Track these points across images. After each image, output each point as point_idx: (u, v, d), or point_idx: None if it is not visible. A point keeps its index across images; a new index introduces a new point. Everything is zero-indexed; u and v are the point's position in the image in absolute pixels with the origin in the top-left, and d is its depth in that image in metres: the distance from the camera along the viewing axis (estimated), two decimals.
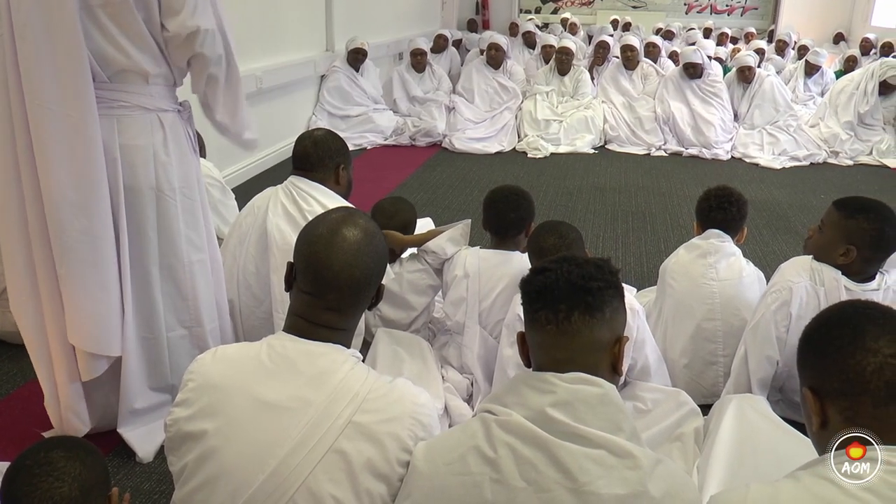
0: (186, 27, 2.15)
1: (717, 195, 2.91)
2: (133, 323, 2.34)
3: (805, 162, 7.10)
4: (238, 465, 1.40)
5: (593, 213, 5.32)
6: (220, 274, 2.59)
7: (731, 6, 14.88)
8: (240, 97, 2.43)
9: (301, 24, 6.86)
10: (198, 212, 2.43)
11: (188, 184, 2.38)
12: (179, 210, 2.36)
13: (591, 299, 1.39)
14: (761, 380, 2.56)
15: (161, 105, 2.28)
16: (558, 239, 2.44)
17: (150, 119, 2.26)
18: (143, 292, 2.35)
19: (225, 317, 2.61)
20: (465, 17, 13.75)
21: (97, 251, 2.19)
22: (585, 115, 7.55)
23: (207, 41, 2.20)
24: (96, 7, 2.06)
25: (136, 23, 2.12)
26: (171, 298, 2.41)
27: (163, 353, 2.44)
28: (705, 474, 2.07)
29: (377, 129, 7.38)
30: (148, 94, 2.24)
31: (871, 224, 2.39)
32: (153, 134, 2.27)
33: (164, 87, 2.29)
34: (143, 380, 2.43)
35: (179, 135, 2.35)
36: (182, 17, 2.14)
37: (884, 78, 7.28)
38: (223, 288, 2.60)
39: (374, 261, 1.56)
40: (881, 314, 1.31)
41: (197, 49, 2.19)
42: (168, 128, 2.30)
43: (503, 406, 1.39)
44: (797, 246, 4.41)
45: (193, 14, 2.16)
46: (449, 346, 2.81)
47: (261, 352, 1.49)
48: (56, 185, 2.10)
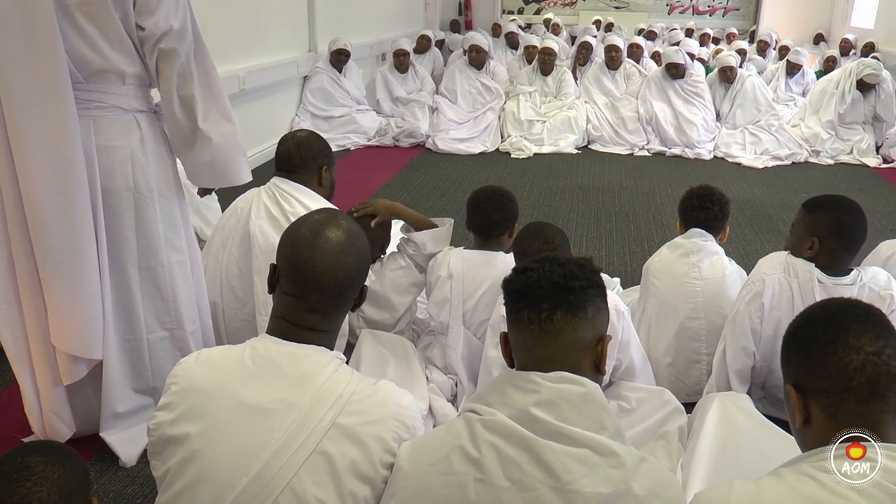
0: (160, 27, 2.13)
1: (700, 195, 2.93)
2: (113, 325, 2.33)
3: (787, 161, 7.16)
4: (221, 468, 1.39)
5: (577, 213, 5.34)
6: (201, 275, 2.57)
7: (713, 7, 14.97)
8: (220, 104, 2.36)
9: (283, 25, 6.84)
10: (176, 213, 2.41)
11: (166, 185, 2.36)
12: (158, 211, 2.33)
13: (574, 298, 1.39)
14: (738, 371, 2.59)
15: (137, 106, 2.26)
16: (543, 243, 2.43)
17: (127, 120, 2.24)
18: (122, 294, 2.34)
19: (206, 319, 2.59)
20: (448, 17, 13.75)
21: (79, 253, 2.17)
22: (568, 115, 7.57)
23: (179, 39, 2.17)
24: (73, 7, 2.04)
25: (113, 22, 2.10)
26: (150, 300, 2.39)
27: (143, 355, 2.42)
28: (689, 472, 2.08)
29: (360, 129, 7.37)
30: (124, 95, 2.22)
31: (828, 214, 2.48)
32: (130, 135, 2.25)
33: (140, 87, 2.27)
34: (124, 383, 2.41)
35: (157, 135, 2.33)
36: (157, 16, 2.12)
37: (860, 77, 7.37)
38: (204, 289, 2.58)
39: (357, 262, 1.56)
40: (863, 312, 1.32)
41: (172, 44, 2.16)
42: (145, 128, 2.28)
43: (487, 406, 1.39)
44: (779, 244, 4.43)
45: (168, 14, 2.14)
46: (433, 346, 2.80)
47: (244, 354, 1.48)
48: (37, 187, 2.08)
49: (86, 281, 2.20)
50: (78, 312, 2.21)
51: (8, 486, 1.38)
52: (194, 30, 2.26)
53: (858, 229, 2.46)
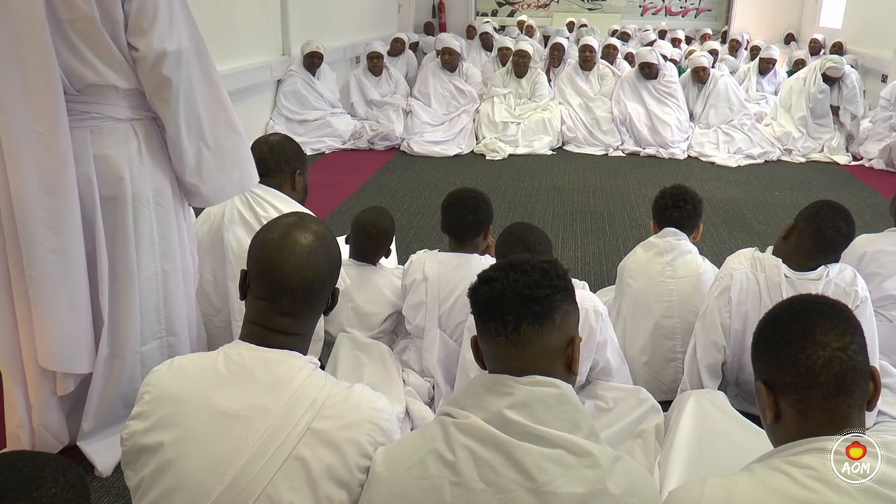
0: (154, 49, 2.11)
1: (673, 194, 2.96)
2: (106, 339, 2.30)
3: (759, 160, 7.24)
4: (196, 476, 1.38)
5: (552, 214, 5.36)
6: (192, 284, 2.54)
7: (686, 8, 15.08)
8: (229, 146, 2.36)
9: (256, 28, 6.81)
10: (172, 221, 2.37)
11: (162, 193, 2.33)
12: (154, 219, 2.31)
13: (539, 308, 1.38)
14: (709, 366, 2.62)
15: (134, 115, 2.24)
16: (524, 250, 2.42)
17: (124, 129, 2.22)
18: (118, 305, 2.30)
19: (196, 328, 2.57)
20: (422, 19, 13.75)
21: (67, 269, 2.15)
22: (543, 116, 7.60)
23: (172, 63, 2.15)
24: (65, 23, 2.02)
25: (103, 39, 2.07)
26: (145, 310, 2.36)
27: (136, 367, 2.38)
28: (666, 470, 2.09)
29: (335, 133, 7.35)
30: (120, 106, 2.20)
31: (816, 204, 2.57)
32: (128, 143, 2.22)
33: (137, 97, 2.23)
34: (111, 395, 2.38)
35: (154, 143, 2.30)
36: (150, 37, 2.10)
37: (823, 71, 7.49)
38: (193, 298, 2.55)
39: (327, 264, 1.56)
40: (830, 308, 1.34)
41: (163, 72, 2.14)
42: (142, 136, 2.25)
43: (461, 409, 1.39)
44: (753, 242, 4.48)
45: (163, 35, 2.12)
46: (409, 349, 2.80)
47: (217, 361, 1.47)
48: (27, 202, 2.05)
49: (73, 296, 2.18)
50: (63, 328, 2.18)
51: None
52: (199, 49, 2.23)
53: (833, 226, 2.49)
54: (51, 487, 1.21)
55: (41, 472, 1.21)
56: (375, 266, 3.05)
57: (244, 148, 2.44)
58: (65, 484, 1.22)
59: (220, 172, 2.38)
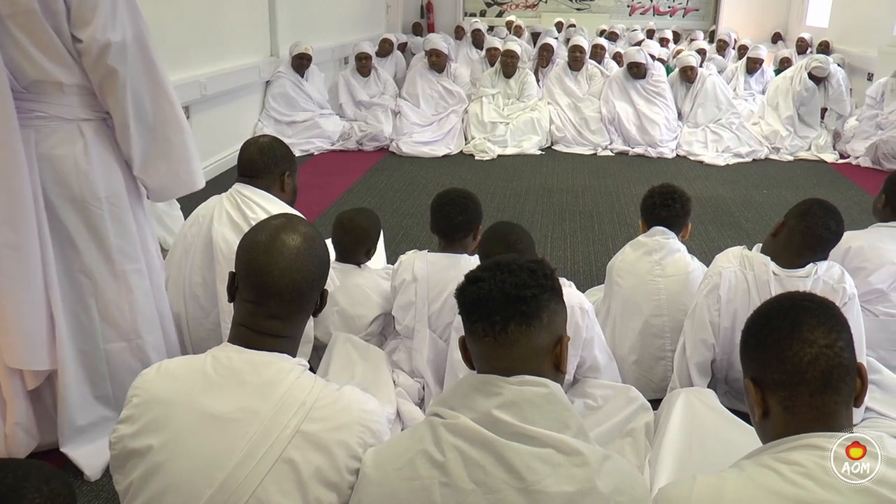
0: (97, 40, 2.09)
1: (661, 193, 2.97)
2: (67, 336, 2.29)
3: (747, 158, 7.26)
4: (185, 479, 1.38)
5: (541, 214, 5.36)
6: (161, 284, 2.53)
7: (673, 8, 15.11)
8: (174, 139, 2.35)
9: (244, 29, 6.79)
10: (128, 221, 2.36)
11: (115, 193, 2.32)
12: (107, 220, 2.30)
13: (527, 308, 1.38)
14: (699, 364, 2.63)
15: (81, 115, 2.23)
16: (505, 248, 2.42)
17: (70, 129, 2.21)
18: (76, 304, 2.30)
19: (168, 328, 2.56)
20: (410, 20, 13.74)
21: (23, 264, 2.15)
22: (531, 116, 7.61)
23: (116, 54, 2.13)
24: (6, 18, 2.01)
25: (45, 33, 2.06)
26: (106, 309, 2.35)
27: (101, 365, 2.38)
28: (656, 468, 2.10)
29: (324, 134, 7.34)
30: (66, 105, 2.19)
31: (807, 202, 2.58)
32: (73, 144, 2.21)
33: (84, 96, 2.22)
34: (82, 394, 2.37)
35: (104, 144, 2.28)
36: (93, 27, 2.08)
37: (809, 70, 7.55)
38: (165, 298, 2.55)
39: (316, 266, 1.55)
40: (817, 306, 1.35)
41: (108, 63, 2.13)
42: (90, 137, 2.24)
43: (450, 409, 1.39)
44: (741, 240, 4.49)
45: (105, 26, 2.10)
46: (399, 350, 2.80)
47: (206, 364, 1.47)
48: None
49: (30, 292, 2.17)
50: (22, 324, 2.18)
51: None
52: (142, 43, 2.21)
53: (823, 224, 2.50)
54: (34, 498, 1.18)
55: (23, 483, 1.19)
56: (359, 268, 3.05)
57: (192, 146, 2.43)
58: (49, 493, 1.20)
59: (168, 169, 2.38)
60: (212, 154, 6.15)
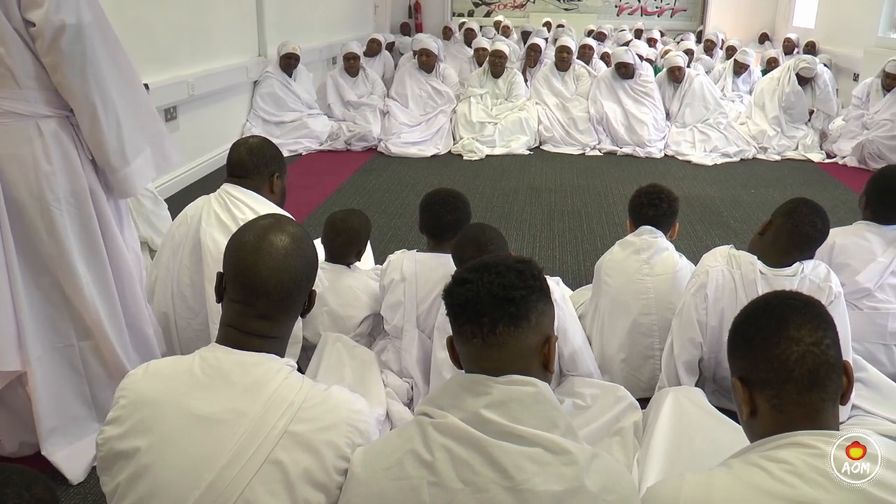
0: (51, 21, 1.99)
1: (649, 192, 2.98)
2: (36, 335, 2.25)
3: (735, 158, 7.30)
4: (172, 481, 1.37)
5: (529, 214, 5.37)
6: (134, 284, 2.47)
7: (661, 8, 15.15)
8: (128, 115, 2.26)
9: (232, 30, 6.77)
10: (91, 222, 2.28)
11: (77, 194, 2.24)
12: (67, 221, 2.23)
13: (515, 310, 1.38)
14: (686, 363, 2.64)
15: (39, 110, 2.13)
16: (477, 250, 2.38)
17: (26, 126, 2.12)
18: (45, 302, 2.26)
19: (144, 329, 2.52)
20: (398, 20, 13.73)
21: None
22: (520, 116, 7.62)
23: (72, 37, 2.03)
24: None
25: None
26: (70, 310, 2.31)
27: (77, 362, 2.34)
28: (644, 467, 2.11)
29: (312, 134, 7.32)
30: (22, 100, 2.10)
31: (793, 201, 2.60)
32: (31, 142, 2.13)
33: (41, 90, 2.12)
34: (58, 394, 2.33)
35: (65, 142, 2.19)
36: (45, 9, 1.98)
37: (797, 71, 7.60)
38: (138, 299, 2.49)
39: (304, 266, 1.55)
40: (804, 304, 1.36)
41: (63, 47, 2.03)
42: (49, 135, 2.15)
43: (439, 409, 1.39)
44: (729, 239, 4.52)
45: (59, 7, 2.00)
46: (388, 350, 2.79)
47: (193, 365, 1.46)
48: None
49: None
50: None
51: None
52: (101, 25, 2.13)
53: (809, 222, 2.52)
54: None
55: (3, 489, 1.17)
56: (349, 268, 3.05)
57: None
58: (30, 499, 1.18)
59: (144, 157, 2.32)
60: (199, 154, 6.13)
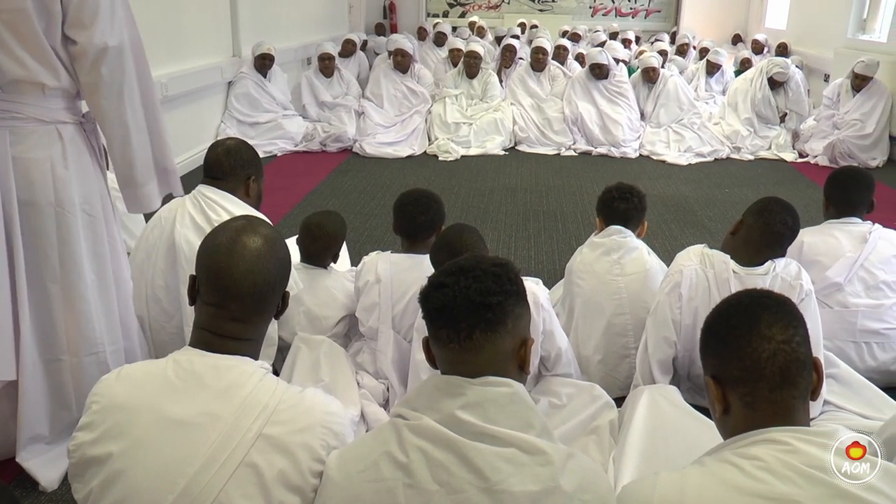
0: (95, 44, 2.05)
1: (619, 188, 3.04)
2: (32, 344, 2.23)
3: (709, 158, 7.36)
4: (146, 486, 1.36)
5: (505, 214, 5.38)
6: (128, 293, 2.48)
7: (635, 9, 15.24)
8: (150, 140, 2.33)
9: (206, 29, 6.72)
10: (101, 229, 2.31)
11: (90, 200, 2.26)
12: (80, 227, 2.24)
13: (492, 315, 1.38)
14: (660, 361, 2.66)
15: (59, 117, 2.17)
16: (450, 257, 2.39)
17: (48, 131, 2.15)
18: (42, 312, 2.24)
19: (133, 338, 2.51)
20: (373, 20, 13.71)
21: None
22: (495, 117, 7.63)
23: (114, 60, 2.11)
24: None
25: (33, 33, 2.01)
26: (75, 320, 2.29)
27: (66, 376, 2.32)
28: (620, 465, 2.12)
29: (287, 135, 7.29)
30: (45, 107, 2.13)
31: (763, 200, 2.65)
32: (51, 147, 2.16)
33: (64, 98, 2.18)
34: (43, 405, 2.31)
35: (80, 148, 2.23)
36: (91, 31, 2.05)
37: (770, 75, 7.67)
38: (131, 308, 2.50)
39: (277, 267, 1.54)
40: (775, 302, 1.37)
41: (103, 69, 2.09)
42: (67, 140, 2.18)
43: (414, 410, 1.39)
44: (703, 239, 4.55)
45: (104, 30, 2.06)
46: (363, 351, 2.79)
47: (167, 368, 1.45)
48: None
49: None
50: None
51: None
52: (137, 47, 2.19)
53: (780, 220, 2.56)
54: None
55: None
56: (326, 269, 3.04)
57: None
58: None
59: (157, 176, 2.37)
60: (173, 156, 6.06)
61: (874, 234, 3.03)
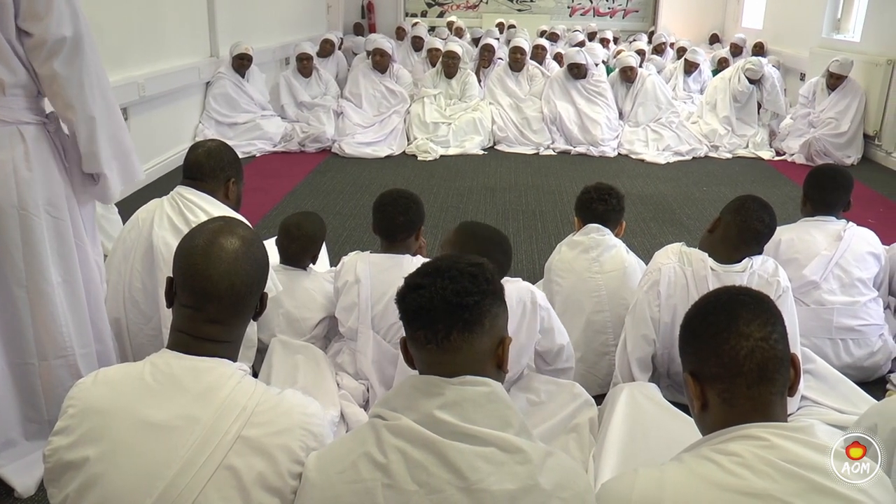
0: (52, 34, 2.02)
1: (598, 188, 3.06)
2: (0, 350, 2.20)
3: (688, 156, 7.41)
4: (124, 490, 1.35)
5: (484, 214, 5.38)
6: (99, 295, 2.45)
7: (613, 9, 15.30)
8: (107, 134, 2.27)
9: (183, 29, 6.67)
10: (66, 231, 2.27)
11: (54, 202, 2.23)
12: (45, 229, 2.21)
13: (469, 315, 1.38)
14: (640, 359, 2.67)
15: (21, 117, 2.13)
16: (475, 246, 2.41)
17: (10, 132, 2.12)
18: (9, 316, 2.21)
19: (106, 341, 2.48)
20: (351, 20, 13.68)
21: None
22: (473, 116, 7.64)
23: (70, 50, 2.07)
24: None
25: None
26: (43, 323, 2.26)
27: (34, 382, 2.29)
28: (600, 462, 2.13)
29: (265, 135, 7.26)
30: (5, 107, 2.09)
31: (741, 198, 2.68)
32: (13, 148, 2.12)
33: (25, 97, 2.14)
34: (13, 410, 2.28)
35: (44, 149, 2.19)
36: (46, 22, 2.01)
37: (744, 72, 7.76)
38: (103, 311, 2.46)
39: (254, 268, 1.53)
40: (753, 300, 1.39)
41: (62, 59, 2.05)
42: (30, 141, 2.15)
43: (392, 410, 1.39)
44: (682, 237, 4.58)
45: (60, 20, 2.03)
46: (343, 352, 2.78)
47: (144, 371, 1.44)
48: None
49: None
50: None
51: None
52: (90, 38, 2.15)
53: (757, 218, 2.59)
54: None
55: None
56: (305, 271, 3.03)
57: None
58: None
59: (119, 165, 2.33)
60: (151, 157, 6.02)
61: (848, 232, 3.07)
